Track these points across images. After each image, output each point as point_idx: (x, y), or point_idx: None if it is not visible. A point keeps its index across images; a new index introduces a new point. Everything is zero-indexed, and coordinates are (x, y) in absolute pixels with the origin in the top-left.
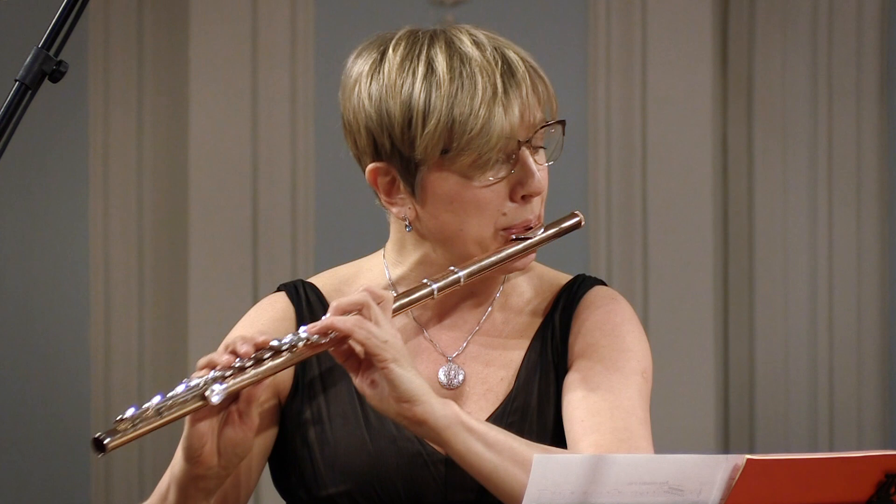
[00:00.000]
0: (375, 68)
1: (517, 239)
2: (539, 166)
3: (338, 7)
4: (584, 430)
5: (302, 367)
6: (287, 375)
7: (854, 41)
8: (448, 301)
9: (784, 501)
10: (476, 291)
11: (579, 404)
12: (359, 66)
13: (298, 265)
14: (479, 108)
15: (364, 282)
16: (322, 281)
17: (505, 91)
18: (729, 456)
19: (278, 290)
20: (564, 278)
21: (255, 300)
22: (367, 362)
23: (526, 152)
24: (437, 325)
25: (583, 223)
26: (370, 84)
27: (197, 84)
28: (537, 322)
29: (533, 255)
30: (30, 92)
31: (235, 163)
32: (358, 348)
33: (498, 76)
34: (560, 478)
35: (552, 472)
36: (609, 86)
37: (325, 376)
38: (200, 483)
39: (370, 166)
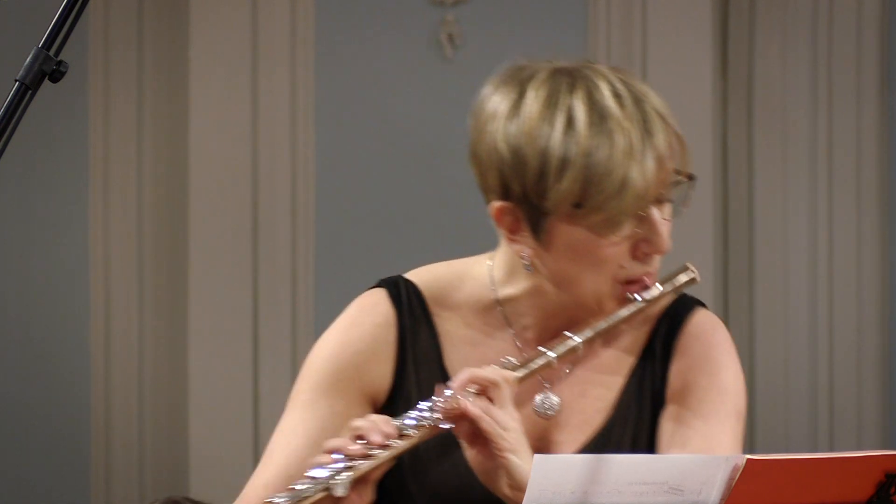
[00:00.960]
0: (513, 110)
1: (632, 299)
2: (664, 222)
3: (338, 7)
4: None
5: (400, 376)
6: (384, 383)
7: (854, 41)
8: (551, 327)
9: (784, 501)
10: (581, 321)
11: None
12: (495, 101)
13: (298, 265)
14: (616, 169)
15: (468, 291)
16: (421, 280)
17: (642, 152)
18: (729, 456)
19: (378, 285)
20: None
21: (255, 300)
22: (483, 439)
23: (654, 211)
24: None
25: (698, 280)
26: (507, 125)
27: (197, 84)
28: (638, 349)
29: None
30: (30, 92)
31: (235, 163)
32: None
33: (636, 136)
34: (560, 478)
35: (552, 472)
36: None
37: (422, 389)
38: None
39: (496, 205)
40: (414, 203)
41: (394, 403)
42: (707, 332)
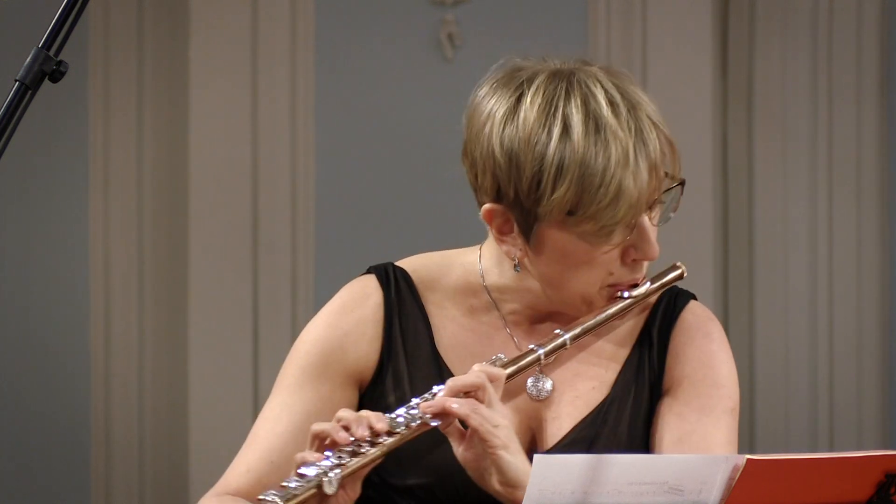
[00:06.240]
0: (510, 115)
1: (620, 297)
2: (653, 228)
3: (338, 7)
4: None
5: (388, 352)
6: (370, 362)
7: (854, 41)
8: (541, 310)
9: (784, 501)
10: (568, 309)
11: (671, 448)
12: (492, 104)
13: (298, 265)
14: (611, 180)
15: (457, 276)
16: (411, 265)
17: (636, 162)
18: (729, 456)
19: (368, 272)
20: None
21: (255, 299)
22: (472, 435)
23: (645, 218)
24: (529, 335)
25: (685, 275)
26: (503, 129)
27: (197, 84)
28: (633, 336)
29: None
30: (30, 92)
31: (235, 163)
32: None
33: (631, 146)
34: (560, 478)
35: (552, 472)
36: None
37: (410, 363)
38: None
39: (488, 206)
40: (414, 203)
41: (381, 380)
42: (702, 325)
